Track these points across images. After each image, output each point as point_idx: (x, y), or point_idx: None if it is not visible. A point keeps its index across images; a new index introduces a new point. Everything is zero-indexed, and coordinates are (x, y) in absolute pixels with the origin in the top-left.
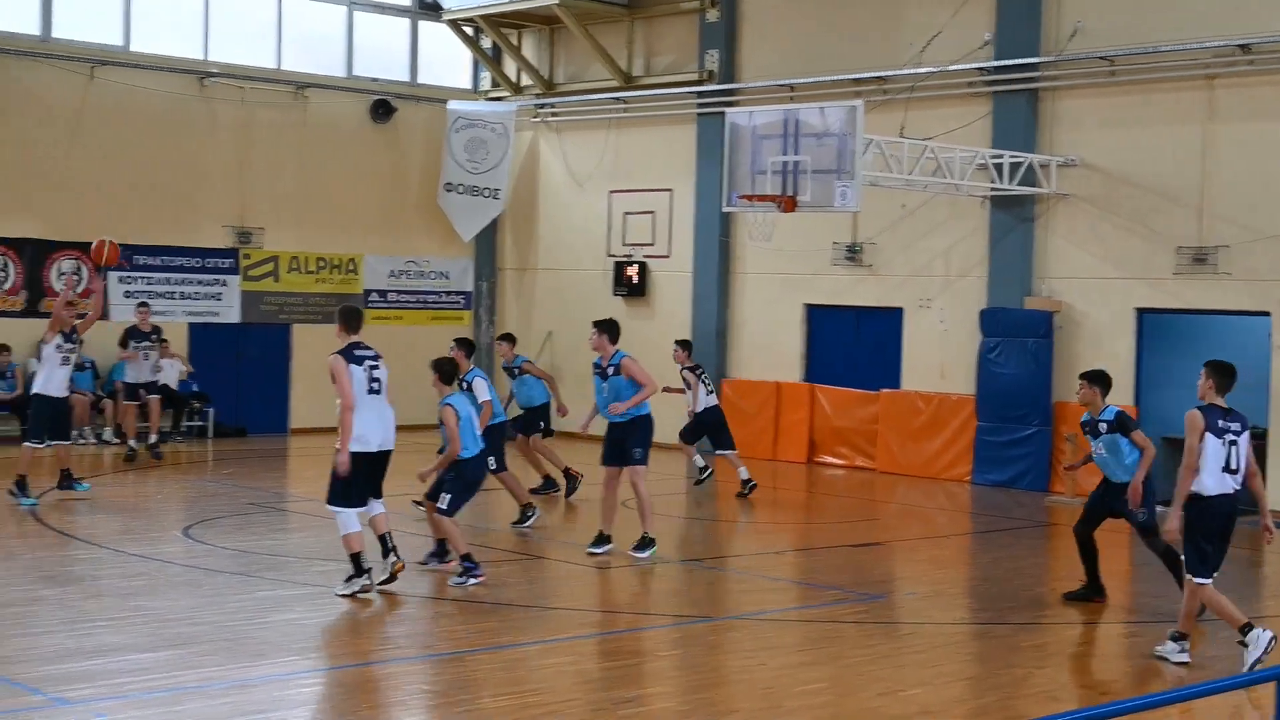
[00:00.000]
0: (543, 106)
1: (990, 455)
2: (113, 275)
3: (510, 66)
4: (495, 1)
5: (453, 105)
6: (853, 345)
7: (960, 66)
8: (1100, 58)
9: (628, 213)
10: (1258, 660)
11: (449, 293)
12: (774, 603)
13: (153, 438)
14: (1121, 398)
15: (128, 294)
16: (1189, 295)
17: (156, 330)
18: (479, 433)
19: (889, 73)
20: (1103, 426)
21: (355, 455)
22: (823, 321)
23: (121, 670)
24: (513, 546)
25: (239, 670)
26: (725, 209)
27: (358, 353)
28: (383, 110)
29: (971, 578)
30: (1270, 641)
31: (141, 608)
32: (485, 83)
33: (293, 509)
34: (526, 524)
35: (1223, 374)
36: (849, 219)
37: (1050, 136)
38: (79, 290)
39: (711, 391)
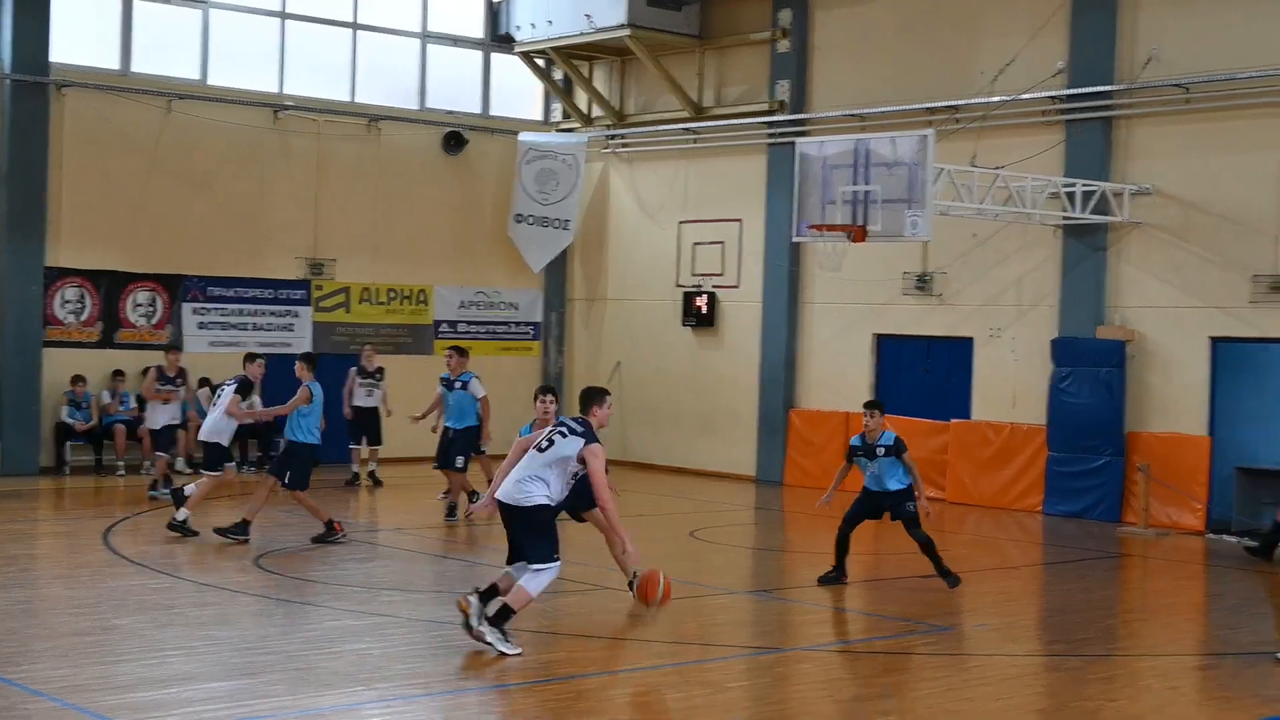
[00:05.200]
0: (613, 138)
1: (1062, 485)
2: (186, 306)
3: (581, 98)
4: (566, 34)
5: (524, 137)
6: (923, 375)
7: (1033, 95)
8: (1175, 85)
9: (697, 243)
10: None
11: (518, 323)
12: (843, 634)
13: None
14: (1195, 428)
15: (201, 325)
16: (1265, 324)
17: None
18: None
19: (960, 102)
20: (880, 450)
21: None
22: (892, 351)
23: (193, 699)
24: (582, 578)
25: (308, 700)
26: (795, 239)
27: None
28: (455, 142)
29: (1043, 609)
30: None
31: (212, 637)
32: (556, 114)
33: (362, 538)
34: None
35: None
36: (919, 249)
37: (1124, 165)
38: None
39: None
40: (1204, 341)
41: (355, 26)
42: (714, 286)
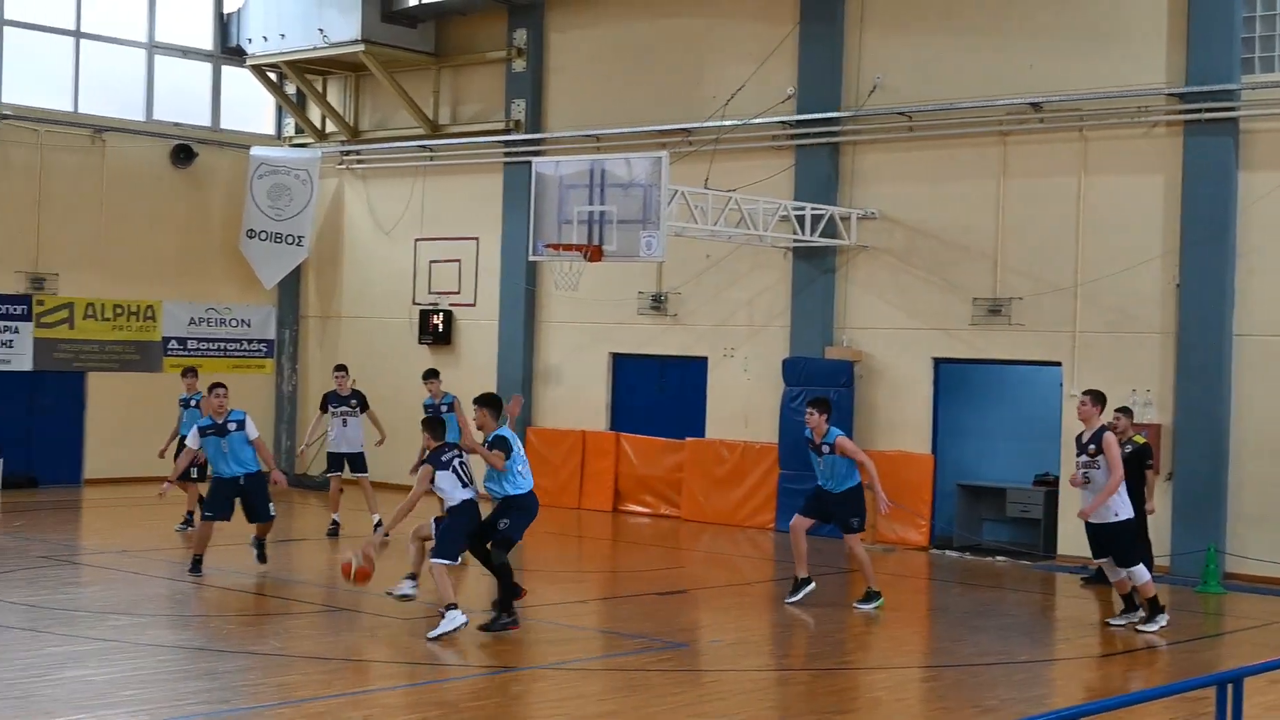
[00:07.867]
0: (348, 154)
1: (793, 503)
2: None
3: (315, 113)
4: (299, 48)
5: (255, 151)
6: (658, 394)
7: (763, 120)
8: (899, 113)
9: (433, 261)
10: None
11: (250, 340)
12: (579, 652)
13: None
14: (919, 446)
15: None
16: (984, 345)
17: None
18: None
19: (694, 125)
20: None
21: None
22: (628, 370)
23: None
24: (318, 599)
25: None
26: (531, 258)
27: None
28: (184, 155)
29: (775, 624)
30: None
31: None
32: (289, 129)
33: (85, 561)
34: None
35: None
36: (654, 269)
37: (851, 189)
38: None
39: None
40: (928, 362)
41: (78, 35)
42: (450, 304)
